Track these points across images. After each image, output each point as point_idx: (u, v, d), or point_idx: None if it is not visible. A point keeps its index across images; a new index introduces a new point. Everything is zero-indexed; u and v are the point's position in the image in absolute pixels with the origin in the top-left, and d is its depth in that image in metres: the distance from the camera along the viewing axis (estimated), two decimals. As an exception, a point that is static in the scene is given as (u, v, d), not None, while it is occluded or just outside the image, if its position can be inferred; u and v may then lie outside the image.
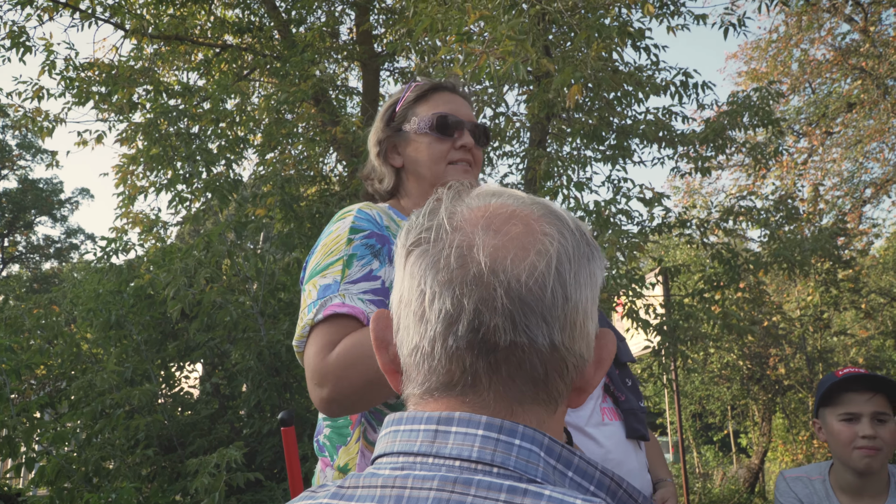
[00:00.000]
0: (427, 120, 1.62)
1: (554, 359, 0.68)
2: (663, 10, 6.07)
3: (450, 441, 0.66)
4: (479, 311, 0.66)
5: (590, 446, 2.24)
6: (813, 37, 15.08)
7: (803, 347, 11.00)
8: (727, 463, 14.82)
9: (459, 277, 0.67)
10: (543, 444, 0.66)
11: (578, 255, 0.70)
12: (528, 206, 0.73)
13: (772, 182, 12.63)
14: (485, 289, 0.66)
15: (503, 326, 0.66)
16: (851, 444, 2.02)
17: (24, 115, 6.93)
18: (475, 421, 0.66)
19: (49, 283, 22.69)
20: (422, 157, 1.61)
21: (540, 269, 0.67)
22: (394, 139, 1.65)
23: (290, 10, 7.85)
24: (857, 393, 2.05)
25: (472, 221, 0.70)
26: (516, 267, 0.67)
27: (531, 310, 0.66)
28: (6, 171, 26.21)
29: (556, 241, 0.69)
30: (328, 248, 1.47)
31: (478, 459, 0.64)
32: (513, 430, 0.65)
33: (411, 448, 0.67)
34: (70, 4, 6.80)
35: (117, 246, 5.65)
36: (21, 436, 4.31)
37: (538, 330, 0.66)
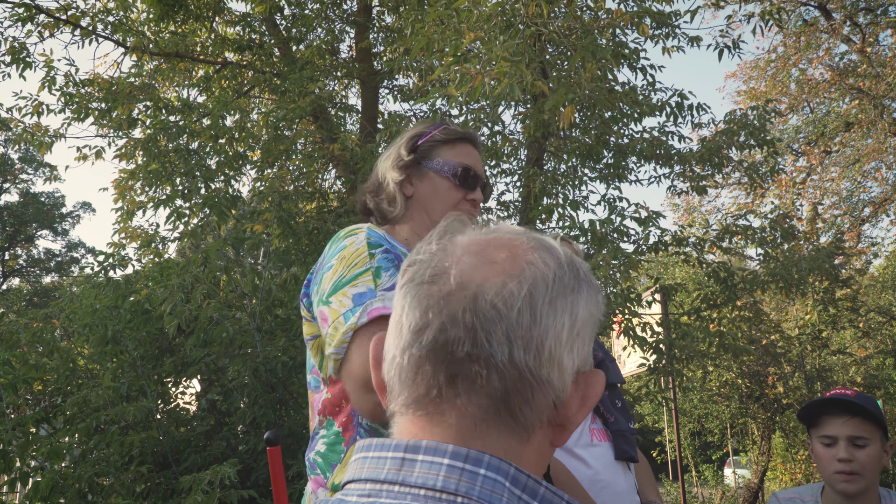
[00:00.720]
0: (453, 166, 1.70)
1: (513, 377, 0.68)
2: (659, 32, 6.13)
3: (416, 469, 0.66)
4: (444, 324, 0.68)
5: (578, 467, 2.24)
6: (811, 57, 15.19)
7: (802, 366, 10.98)
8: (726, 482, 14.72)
9: (430, 292, 0.70)
10: (509, 475, 0.66)
11: (560, 284, 0.71)
12: (523, 239, 0.75)
13: (770, 201, 12.66)
14: (453, 303, 0.68)
15: (463, 338, 0.67)
16: (830, 468, 2.02)
17: (23, 130, 6.97)
18: (441, 450, 0.66)
19: (49, 297, 22.68)
20: (437, 197, 1.69)
21: (510, 288, 0.68)
22: (412, 169, 1.71)
23: (291, 28, 7.92)
24: (834, 416, 2.04)
25: (463, 247, 0.73)
26: (486, 284, 0.69)
27: (493, 325, 0.67)
28: (8, 184, 26.28)
29: (537, 269, 0.71)
30: (349, 261, 1.49)
31: (442, 489, 0.64)
32: (478, 459, 0.66)
33: (378, 475, 0.68)
34: (71, 21, 6.86)
35: (114, 261, 5.66)
36: (16, 451, 4.29)
37: (498, 346, 0.67)
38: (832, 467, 2.01)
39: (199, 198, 5.27)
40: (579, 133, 6.28)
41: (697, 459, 14.70)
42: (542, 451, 0.72)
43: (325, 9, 8.12)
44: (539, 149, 6.43)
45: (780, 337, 10.10)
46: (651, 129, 6.48)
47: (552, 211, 5.24)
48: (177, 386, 5.79)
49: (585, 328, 0.73)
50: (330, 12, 8.25)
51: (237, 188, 6.10)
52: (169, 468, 5.02)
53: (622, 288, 5.69)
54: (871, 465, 1.99)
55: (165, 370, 5.55)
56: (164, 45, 7.36)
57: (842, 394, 2.08)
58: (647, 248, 6.50)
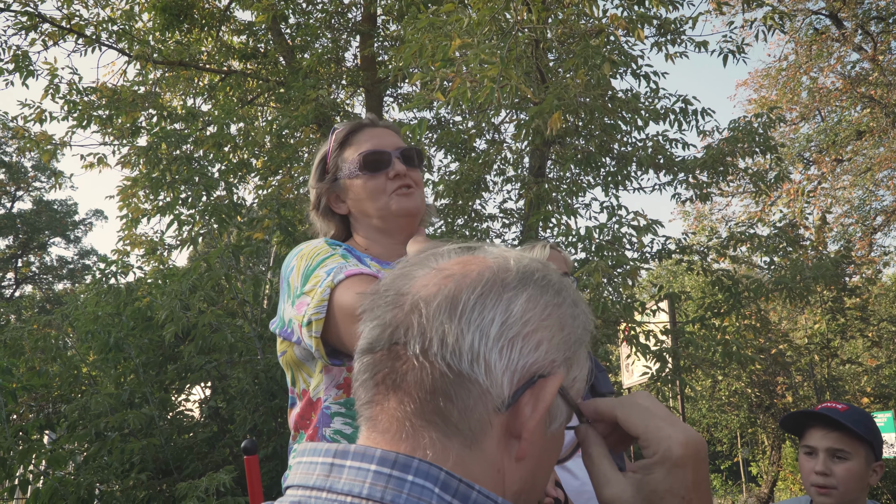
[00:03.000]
0: (355, 162, 1.65)
1: (431, 374, 0.67)
2: (663, 39, 6.12)
3: (343, 476, 0.65)
4: (374, 327, 0.71)
5: (565, 478, 2.22)
6: (822, 65, 15.12)
7: (811, 376, 10.88)
8: (736, 492, 14.60)
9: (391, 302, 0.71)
10: (439, 479, 0.64)
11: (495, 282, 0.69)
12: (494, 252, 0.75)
13: (779, 209, 12.58)
14: (387, 310, 0.71)
15: (384, 337, 0.70)
16: (809, 479, 2.00)
17: (28, 138, 7.02)
18: (369, 455, 0.65)
19: (61, 305, 22.82)
20: (365, 197, 1.64)
21: (440, 289, 0.69)
22: (333, 190, 1.68)
23: (295, 37, 7.96)
24: (816, 428, 2.03)
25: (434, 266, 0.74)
26: (426, 289, 0.70)
27: (411, 320, 0.68)
28: (21, 192, 26.53)
29: (477, 271, 0.70)
30: (311, 254, 1.50)
31: (368, 497, 0.63)
32: (406, 464, 0.64)
33: (307, 481, 0.67)
34: (74, 30, 6.91)
35: (117, 268, 5.68)
36: (16, 457, 4.30)
37: (412, 339, 0.68)
38: (810, 479, 1.99)
39: (201, 205, 5.28)
40: (581, 140, 6.26)
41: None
42: (502, 467, 0.69)
43: (329, 18, 8.17)
44: (541, 156, 6.42)
45: (788, 346, 10.02)
46: (654, 136, 6.45)
47: (549, 218, 5.22)
48: (179, 393, 5.80)
49: (536, 331, 0.69)
50: (334, 21, 8.28)
51: (241, 196, 6.13)
52: (171, 475, 5.02)
53: (624, 296, 5.65)
54: (850, 480, 1.95)
55: (168, 377, 5.56)
56: (168, 53, 7.41)
57: (831, 407, 2.05)
58: (651, 256, 6.47)
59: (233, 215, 5.39)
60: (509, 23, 3.95)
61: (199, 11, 7.73)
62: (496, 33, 3.94)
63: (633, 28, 4.14)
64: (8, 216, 26.20)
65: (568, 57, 4.29)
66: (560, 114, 3.55)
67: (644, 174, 6.43)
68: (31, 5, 6.75)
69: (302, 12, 8.02)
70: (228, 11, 8.20)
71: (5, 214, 26.26)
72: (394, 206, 1.61)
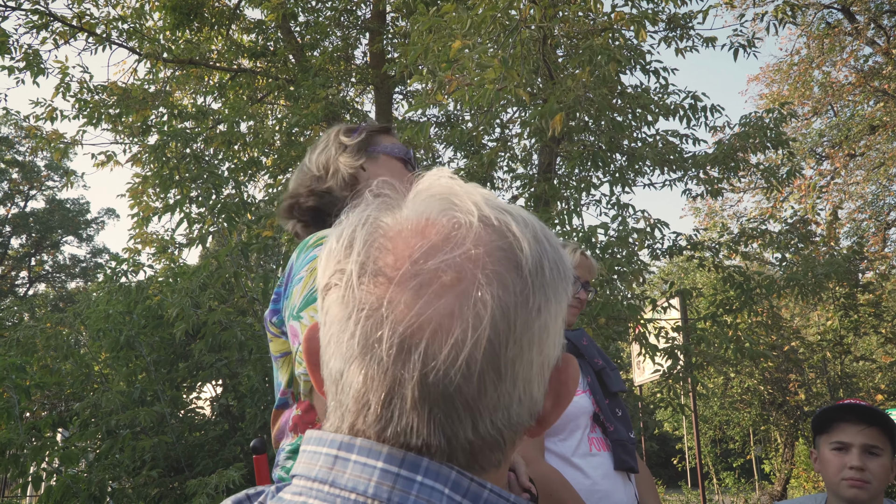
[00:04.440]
0: (401, 149, 1.70)
1: (479, 445, 0.60)
2: (673, 35, 6.07)
3: (347, 470, 0.60)
4: (389, 404, 0.58)
5: (576, 477, 2.20)
6: (835, 59, 15.00)
7: (824, 372, 10.81)
8: (749, 490, 14.53)
9: (366, 356, 0.58)
10: (449, 479, 0.59)
11: (524, 311, 0.59)
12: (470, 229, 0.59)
13: (790, 206, 12.49)
14: (393, 378, 0.57)
15: (415, 427, 0.58)
16: (840, 475, 1.99)
17: (40, 137, 7.07)
18: (375, 451, 0.59)
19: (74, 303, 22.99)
20: (394, 176, 1.67)
21: (467, 350, 0.56)
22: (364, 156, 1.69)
23: (305, 35, 7.97)
24: (850, 423, 2.02)
25: (393, 267, 0.58)
26: (434, 349, 0.56)
27: (451, 404, 0.57)
28: (34, 191, 26.73)
29: (494, 297, 0.57)
30: None
31: (374, 496, 0.58)
32: (415, 464, 0.58)
33: (310, 472, 0.62)
34: (85, 29, 6.94)
35: (128, 267, 5.71)
36: (29, 455, 4.33)
37: (460, 425, 0.58)
38: (842, 474, 1.98)
39: (209, 203, 5.29)
40: (590, 137, 6.23)
41: (718, 467, 14.52)
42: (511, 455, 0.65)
43: (338, 15, 8.17)
44: (550, 153, 6.40)
45: (800, 343, 9.95)
46: (664, 132, 6.41)
47: (553, 217, 5.20)
48: (191, 391, 5.82)
49: (558, 335, 0.63)
50: (343, 18, 8.29)
51: (252, 194, 6.14)
52: (182, 473, 5.05)
53: (629, 295, 5.62)
54: (882, 475, 1.98)
55: (180, 375, 5.59)
56: (178, 52, 7.43)
57: (856, 403, 2.05)
58: (662, 253, 6.44)
59: (241, 213, 5.40)
60: (513, 21, 3.93)
61: (209, 10, 7.75)
62: (500, 31, 3.92)
63: (637, 29, 4.10)
64: (21, 215, 26.41)
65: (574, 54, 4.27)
66: (562, 115, 3.53)
67: (654, 171, 6.39)
68: (41, 4, 6.79)
69: (311, 10, 8.03)
70: (238, 10, 8.22)
71: (19, 213, 26.47)
72: None
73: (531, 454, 2.12)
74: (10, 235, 26.71)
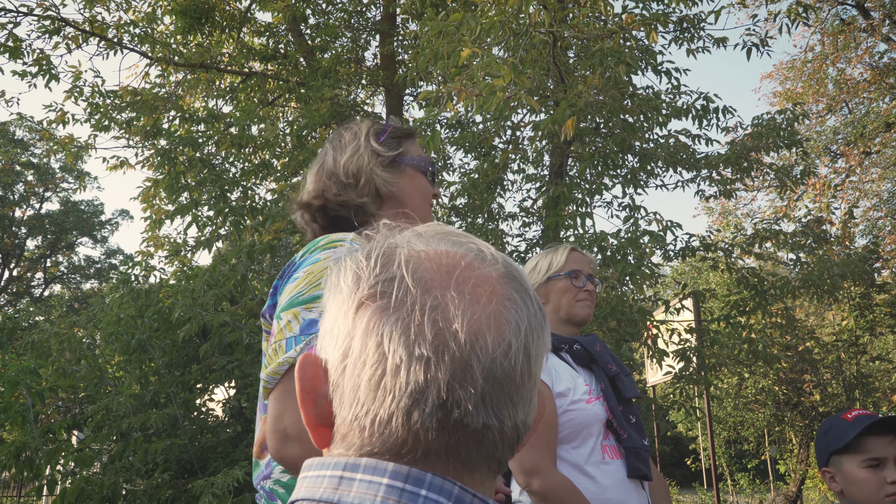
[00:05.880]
0: (426, 162, 1.65)
1: (513, 438, 0.66)
2: (684, 35, 6.03)
3: (353, 489, 0.62)
4: (453, 389, 0.61)
5: (587, 485, 2.18)
6: (849, 56, 14.86)
7: (840, 373, 10.71)
8: (764, 490, 14.44)
9: (435, 350, 0.62)
10: (453, 495, 0.62)
11: (539, 326, 0.68)
12: (484, 259, 0.69)
13: (804, 205, 12.39)
14: (463, 366, 0.62)
15: (476, 408, 0.62)
16: (881, 492, 1.88)
17: (53, 141, 7.12)
18: (381, 469, 0.62)
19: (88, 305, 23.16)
20: (418, 193, 1.63)
21: (515, 347, 0.64)
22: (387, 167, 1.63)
23: (315, 38, 7.98)
24: (879, 437, 1.91)
25: (439, 280, 0.65)
26: (494, 343, 0.63)
27: (503, 391, 0.64)
28: (49, 193, 26.95)
29: (524, 313, 0.67)
30: (315, 278, 1.36)
31: None
32: (420, 479, 0.62)
33: (314, 494, 0.64)
34: (97, 33, 6.98)
35: (142, 270, 5.74)
36: (43, 458, 4.36)
37: (506, 411, 0.64)
38: (884, 490, 1.87)
39: (218, 207, 5.31)
40: (600, 140, 6.20)
41: (733, 467, 14.43)
42: None
43: (349, 17, 8.17)
44: (562, 155, 6.37)
45: (815, 344, 9.87)
46: (677, 132, 6.37)
47: (564, 220, 5.18)
48: (204, 393, 5.83)
49: None
50: (354, 21, 8.29)
51: (262, 196, 6.15)
52: (196, 475, 5.06)
53: (645, 297, 5.59)
54: None
55: (193, 377, 5.60)
56: (189, 56, 7.46)
57: (867, 414, 1.97)
58: (675, 254, 6.40)
59: (253, 216, 5.41)
60: (523, 24, 3.90)
61: (220, 13, 7.78)
62: (510, 36, 3.90)
63: (647, 31, 4.07)
64: (37, 217, 26.65)
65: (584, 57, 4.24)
66: (573, 120, 3.51)
67: (666, 172, 6.36)
68: (53, 9, 6.83)
69: (322, 12, 8.04)
70: (249, 13, 8.24)
71: (34, 215, 26.71)
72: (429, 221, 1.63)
73: (544, 463, 2.10)
74: (25, 237, 26.96)
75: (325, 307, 0.72)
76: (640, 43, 5.16)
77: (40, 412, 4.80)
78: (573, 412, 2.23)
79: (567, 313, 2.41)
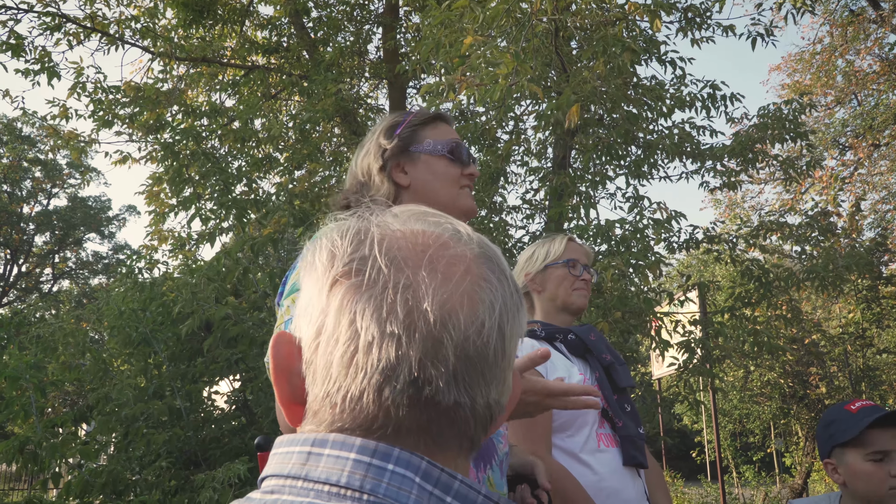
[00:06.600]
0: (445, 144, 1.65)
1: (486, 416, 0.67)
2: (689, 24, 5.99)
3: (321, 464, 0.63)
4: (425, 367, 0.62)
5: (584, 473, 2.18)
6: (858, 48, 14.75)
7: (846, 365, 10.67)
8: (769, 483, 14.41)
9: (406, 328, 0.62)
10: (420, 469, 0.62)
11: (514, 306, 0.68)
12: (459, 239, 0.69)
13: (811, 197, 12.32)
14: (434, 344, 0.62)
15: (447, 385, 0.63)
16: (886, 485, 1.87)
17: (58, 136, 7.14)
18: (349, 444, 0.62)
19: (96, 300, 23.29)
20: (438, 179, 1.63)
21: (488, 325, 0.64)
22: (399, 158, 1.64)
23: (318, 31, 7.97)
24: (883, 430, 1.90)
25: (413, 259, 0.65)
26: (466, 321, 0.63)
27: (475, 368, 0.64)
28: (57, 189, 27.08)
29: (498, 292, 0.67)
30: None
31: (346, 485, 0.61)
32: (387, 453, 0.62)
33: (282, 470, 0.65)
34: (98, 29, 6.99)
35: (145, 264, 5.77)
36: (47, 451, 4.39)
37: (479, 389, 0.64)
38: (888, 483, 1.87)
39: (220, 200, 5.32)
40: (603, 130, 6.18)
41: (738, 460, 14.42)
42: None
43: (351, 10, 8.16)
44: (565, 146, 6.35)
45: (821, 336, 9.83)
46: (681, 122, 6.33)
47: (568, 211, 5.16)
48: (209, 385, 5.86)
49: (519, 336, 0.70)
50: (356, 13, 8.28)
51: (266, 189, 6.16)
52: (200, 466, 5.09)
53: (645, 289, 5.57)
54: None
55: (198, 370, 5.63)
56: (191, 50, 7.46)
57: (871, 405, 1.96)
58: (679, 246, 6.38)
59: (257, 210, 5.42)
60: (525, 14, 3.88)
61: (222, 6, 7.78)
62: (513, 25, 3.88)
63: (652, 18, 4.05)
64: (44, 213, 26.80)
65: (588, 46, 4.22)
66: (578, 107, 3.49)
67: (670, 162, 6.32)
68: (52, 6, 6.84)
69: (324, 5, 8.03)
70: (251, 6, 8.24)
71: (42, 211, 26.86)
72: (463, 202, 1.63)
73: (540, 452, 2.11)
74: (33, 233, 27.11)
75: (301, 285, 0.72)
76: (645, 32, 5.13)
77: (44, 406, 4.83)
78: (568, 401, 2.23)
79: (563, 301, 2.41)
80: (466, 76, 3.48)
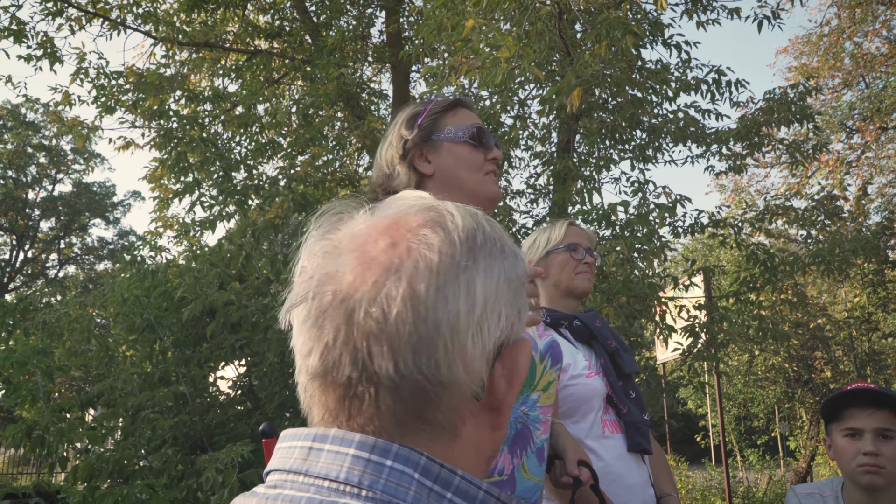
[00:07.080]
0: (466, 130, 1.65)
1: (408, 389, 0.63)
2: (695, 6, 5.94)
3: (321, 459, 0.63)
4: (327, 345, 0.64)
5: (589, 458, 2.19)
6: (867, 30, 14.60)
7: (852, 349, 10.66)
8: (773, 467, 14.45)
9: (314, 309, 0.65)
10: (419, 465, 0.62)
11: (450, 265, 0.64)
12: (412, 213, 0.68)
13: (817, 181, 12.24)
14: (332, 320, 0.64)
15: (343, 359, 0.63)
16: (854, 462, 1.96)
17: (62, 122, 7.13)
18: (348, 439, 0.63)
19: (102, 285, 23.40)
20: (463, 166, 1.63)
21: (387, 289, 0.63)
22: (422, 147, 1.64)
23: (321, 14, 7.91)
24: (859, 408, 1.99)
25: (345, 245, 0.67)
26: (361, 291, 0.63)
27: (372, 339, 0.62)
28: (62, 175, 27.10)
29: (418, 254, 0.64)
30: None
31: (345, 481, 0.61)
32: (386, 449, 0.62)
33: (284, 465, 0.66)
34: (100, 14, 6.96)
35: (150, 250, 5.76)
36: (54, 435, 4.42)
37: (381, 361, 0.62)
38: (856, 461, 1.95)
39: (221, 187, 5.30)
40: (607, 114, 6.14)
41: (742, 444, 14.46)
42: (479, 443, 0.68)
43: (354, -7, 8.10)
44: (569, 130, 6.32)
45: (827, 320, 9.81)
46: (686, 106, 6.29)
47: (572, 194, 5.14)
48: (214, 371, 5.88)
49: (496, 302, 0.67)
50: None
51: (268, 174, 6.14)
52: (206, 451, 5.12)
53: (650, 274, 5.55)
54: None
55: (203, 356, 5.64)
56: (193, 34, 7.42)
57: (865, 387, 2.01)
58: (684, 230, 6.36)
59: (260, 195, 5.40)
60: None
61: (225, -10, 7.72)
62: (516, 8, 3.84)
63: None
64: (50, 199, 26.85)
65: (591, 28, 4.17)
66: (580, 90, 3.45)
67: (675, 146, 6.29)
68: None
69: (327, -11, 7.96)
70: (254, -10, 8.18)
71: (47, 197, 26.90)
72: (489, 189, 1.64)
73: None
74: (39, 219, 27.17)
75: None
76: (649, 15, 5.08)
77: (51, 391, 4.85)
78: (573, 387, 2.24)
79: (567, 286, 2.41)
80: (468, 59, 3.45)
